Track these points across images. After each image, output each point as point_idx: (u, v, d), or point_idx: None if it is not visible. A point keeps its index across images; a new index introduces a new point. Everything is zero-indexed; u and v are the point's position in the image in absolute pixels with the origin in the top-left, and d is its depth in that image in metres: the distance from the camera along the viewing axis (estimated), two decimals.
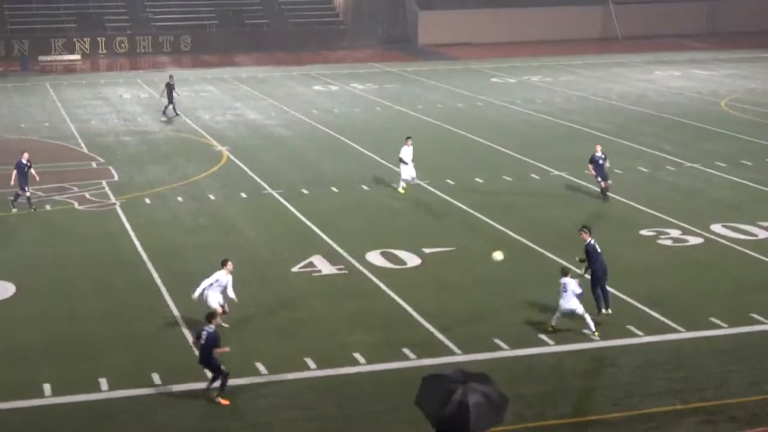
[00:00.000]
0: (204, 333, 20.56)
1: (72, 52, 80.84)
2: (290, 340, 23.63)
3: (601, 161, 35.35)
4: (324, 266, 28.96)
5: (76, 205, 35.75)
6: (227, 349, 20.97)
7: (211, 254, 30.00)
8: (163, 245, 31.07)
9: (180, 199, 36.45)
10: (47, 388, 21.26)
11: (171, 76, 54.86)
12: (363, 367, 22.32)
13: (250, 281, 27.71)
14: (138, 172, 40.61)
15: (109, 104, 58.73)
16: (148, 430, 19.74)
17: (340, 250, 30.24)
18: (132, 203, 35.78)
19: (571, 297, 23.37)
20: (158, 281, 27.79)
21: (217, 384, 20.63)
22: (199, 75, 70.32)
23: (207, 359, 20.64)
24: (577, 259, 25.58)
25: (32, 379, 21.59)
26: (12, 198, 34.82)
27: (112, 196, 36.71)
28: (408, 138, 37.34)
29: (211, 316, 21.21)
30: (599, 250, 24.67)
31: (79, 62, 78.22)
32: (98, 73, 74.39)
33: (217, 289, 23.64)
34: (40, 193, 36.70)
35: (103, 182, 38.87)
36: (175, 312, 25.45)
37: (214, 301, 23.50)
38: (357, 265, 29.01)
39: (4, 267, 29.13)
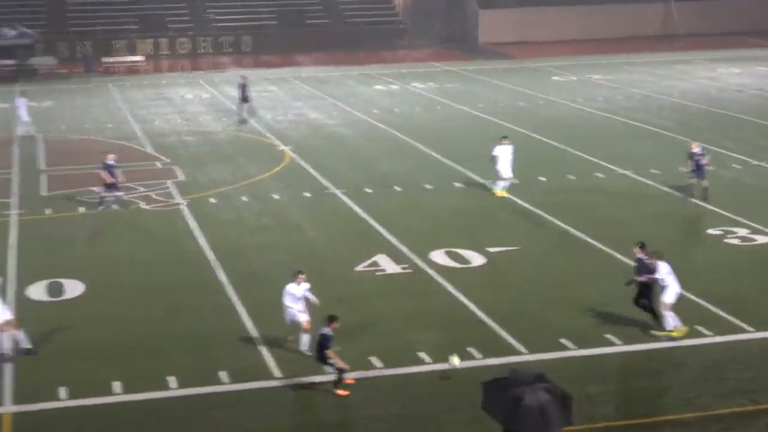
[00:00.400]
0: (319, 334, 21.03)
1: (134, 54, 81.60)
2: (355, 339, 23.64)
3: (700, 160, 34.73)
4: (388, 265, 28.98)
5: (142, 204, 36.09)
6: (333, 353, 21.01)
7: (275, 254, 30.29)
8: (227, 245, 31.25)
9: (244, 198, 36.66)
10: (117, 386, 21.48)
11: (243, 77, 54.84)
12: (428, 366, 22.30)
13: (314, 280, 27.73)
14: (202, 172, 40.90)
15: (171, 104, 59.22)
16: (214, 429, 19.87)
17: (404, 249, 30.24)
18: (197, 203, 36.03)
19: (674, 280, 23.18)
20: (223, 281, 27.96)
21: (335, 378, 20.96)
22: (260, 75, 70.62)
23: (321, 358, 20.98)
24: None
25: (102, 378, 21.81)
26: (101, 200, 35.39)
27: (177, 196, 37.00)
28: (503, 138, 36.85)
29: (330, 319, 21.24)
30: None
31: (142, 63, 78.93)
32: (160, 73, 75.00)
33: (297, 301, 23.42)
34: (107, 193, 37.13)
35: (168, 182, 39.20)
36: (241, 312, 25.60)
37: (298, 314, 23.23)
38: (421, 264, 29.00)
39: (72, 266, 29.47)
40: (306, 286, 23.32)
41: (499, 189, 36.25)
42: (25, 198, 37.31)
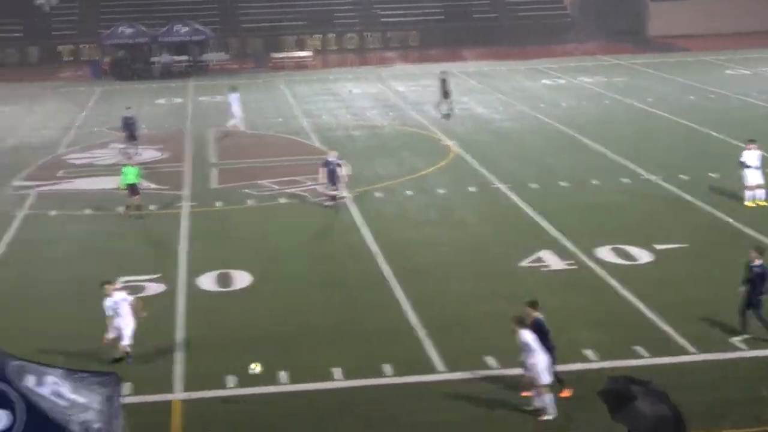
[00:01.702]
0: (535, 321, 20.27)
1: (303, 49, 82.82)
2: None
3: None
4: (553, 261, 28.69)
5: (308, 198, 36.57)
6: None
7: (439, 249, 30.30)
8: (392, 239, 31.40)
9: (409, 193, 36.79)
10: (283, 376, 21.81)
11: (444, 72, 54.55)
12: (595, 364, 21.99)
13: (479, 276, 27.77)
14: (368, 166, 41.19)
15: (338, 99, 59.85)
16: (382, 421, 19.98)
17: (569, 245, 29.88)
18: (362, 197, 36.30)
19: None
20: (387, 274, 28.11)
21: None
22: (426, 70, 70.73)
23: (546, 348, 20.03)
24: None
25: (268, 367, 22.13)
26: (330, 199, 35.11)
27: (343, 190, 37.34)
28: (750, 141, 34.50)
29: (532, 304, 20.68)
30: None
31: (310, 58, 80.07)
32: (328, 69, 75.92)
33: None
34: (275, 186, 37.81)
35: None
36: (404, 305, 25.69)
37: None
38: (586, 260, 28.62)
39: (241, 257, 30.07)
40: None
41: (750, 200, 33.66)
42: (197, 191, 38.23)
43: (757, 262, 22.97)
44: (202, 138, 48.79)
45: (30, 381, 14.71)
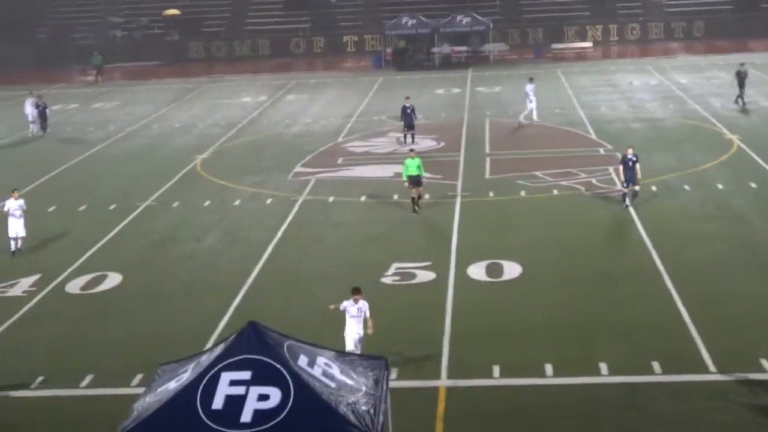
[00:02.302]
0: None
1: (584, 40, 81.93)
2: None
3: None
4: None
5: (582, 190, 36.17)
6: None
7: (716, 245, 29.35)
8: (667, 233, 30.63)
9: (687, 187, 35.80)
10: (548, 368, 21.67)
11: (742, 64, 52.98)
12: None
13: (757, 274, 26.74)
14: (645, 159, 40.11)
15: (617, 91, 58.88)
16: (644, 418, 19.52)
17: None
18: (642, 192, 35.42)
19: None
20: (661, 269, 27.43)
21: None
22: (711, 61, 68.69)
23: None
24: None
25: (534, 359, 22.09)
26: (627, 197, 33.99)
27: (618, 183, 36.72)
28: None
29: None
30: None
31: (590, 49, 79.04)
32: (608, 60, 74.82)
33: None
34: (548, 178, 37.62)
35: (610, 168, 38.95)
36: (677, 301, 25.01)
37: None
38: None
39: (512, 248, 30.05)
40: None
41: None
42: (470, 180, 38.47)
43: None
44: (478, 128, 49.05)
45: (303, 361, 15.18)
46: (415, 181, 34.19)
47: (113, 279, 29.14)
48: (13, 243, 31.62)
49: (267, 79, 72.73)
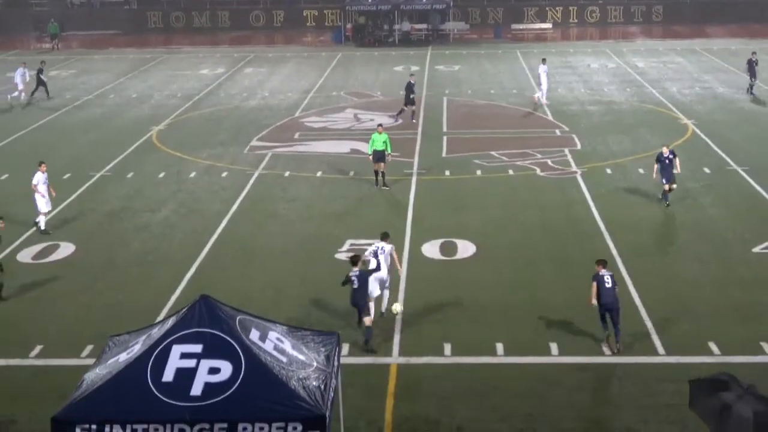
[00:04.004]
0: None
1: (544, 21, 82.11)
2: (749, 323, 22.71)
3: None
4: None
5: (538, 171, 36.30)
6: None
7: (669, 229, 29.59)
8: (620, 217, 30.83)
9: (641, 171, 35.99)
10: (500, 347, 21.78)
11: (754, 53, 52.84)
12: None
13: (708, 259, 26.97)
14: (601, 142, 40.57)
15: (575, 73, 59.10)
16: (594, 399, 19.72)
17: None
18: (592, 173, 35.79)
19: None
20: (614, 252, 27.58)
21: None
22: (669, 46, 69.08)
23: None
24: None
25: (485, 338, 22.19)
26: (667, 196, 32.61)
27: (573, 165, 36.93)
28: None
29: None
30: None
31: (550, 30, 79.21)
32: (567, 41, 75.04)
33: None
34: (504, 158, 37.72)
35: (566, 150, 39.18)
36: (629, 283, 25.14)
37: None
38: None
39: (466, 227, 30.12)
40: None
41: None
42: (427, 159, 38.49)
43: None
44: (436, 107, 49.06)
45: (254, 335, 15.15)
46: (379, 156, 34.23)
47: (66, 249, 28.95)
48: None
49: (226, 52, 72.40)
